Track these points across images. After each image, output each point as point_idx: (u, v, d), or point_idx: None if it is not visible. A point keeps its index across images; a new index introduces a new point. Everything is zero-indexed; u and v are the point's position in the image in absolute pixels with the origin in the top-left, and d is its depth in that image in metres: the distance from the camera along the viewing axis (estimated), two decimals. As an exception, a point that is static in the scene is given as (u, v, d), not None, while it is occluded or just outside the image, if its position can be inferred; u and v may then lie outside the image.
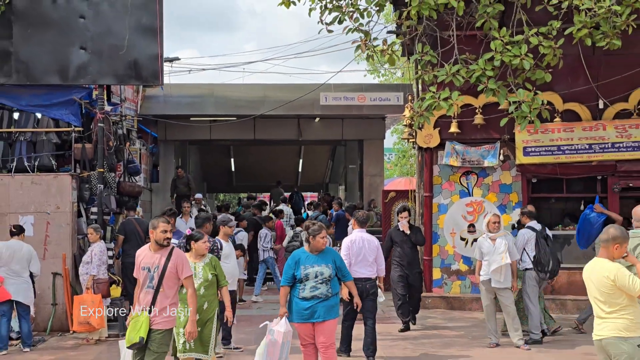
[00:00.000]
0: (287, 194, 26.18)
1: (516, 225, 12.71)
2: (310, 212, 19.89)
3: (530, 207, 12.38)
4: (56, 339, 11.90)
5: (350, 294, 8.75)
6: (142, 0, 12.76)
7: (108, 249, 12.06)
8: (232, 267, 10.25)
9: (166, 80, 16.62)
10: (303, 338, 8.14)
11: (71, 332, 11.65)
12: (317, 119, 21.95)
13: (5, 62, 12.45)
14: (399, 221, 12.32)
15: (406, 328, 11.93)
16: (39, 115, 13.14)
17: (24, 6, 12.45)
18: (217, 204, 32.53)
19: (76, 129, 12.95)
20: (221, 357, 9.94)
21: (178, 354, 8.06)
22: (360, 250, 9.83)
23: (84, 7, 12.63)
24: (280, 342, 7.92)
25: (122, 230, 13.02)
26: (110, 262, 12.29)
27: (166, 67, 17.04)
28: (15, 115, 13.15)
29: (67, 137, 13.10)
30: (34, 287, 11.15)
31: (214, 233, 10.23)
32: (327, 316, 7.99)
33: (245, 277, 15.64)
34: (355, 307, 8.88)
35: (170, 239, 7.21)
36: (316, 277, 8.04)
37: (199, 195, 15.94)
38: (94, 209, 13.16)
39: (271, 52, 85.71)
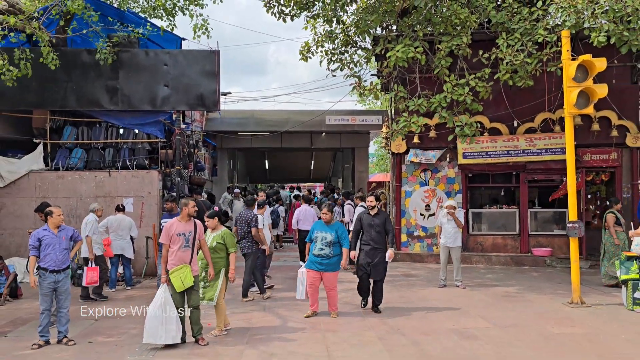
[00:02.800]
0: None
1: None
2: (319, 196, 19.77)
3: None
4: (148, 281, 11.82)
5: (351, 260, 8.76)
6: (205, 53, 12.62)
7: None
8: (267, 232, 10.34)
9: (222, 107, 16.51)
10: (310, 280, 8.30)
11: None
12: (323, 134, 21.92)
13: (114, 95, 12.33)
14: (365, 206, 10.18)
15: (365, 305, 8.96)
16: (136, 130, 13.04)
17: (127, 58, 12.32)
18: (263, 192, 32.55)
19: (161, 140, 12.86)
20: (252, 299, 9.73)
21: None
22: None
23: (166, 58, 12.50)
24: (303, 279, 8.37)
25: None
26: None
27: (222, 98, 16.92)
28: (121, 131, 13.06)
29: (155, 146, 13.00)
30: (133, 245, 11.08)
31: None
32: (327, 269, 8.23)
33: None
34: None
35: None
36: (322, 240, 8.20)
37: (236, 190, 15.77)
38: (173, 194, 13.07)
39: (291, 89, 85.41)
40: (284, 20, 12.75)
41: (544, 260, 13.38)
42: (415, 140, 13.70)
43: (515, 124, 13.59)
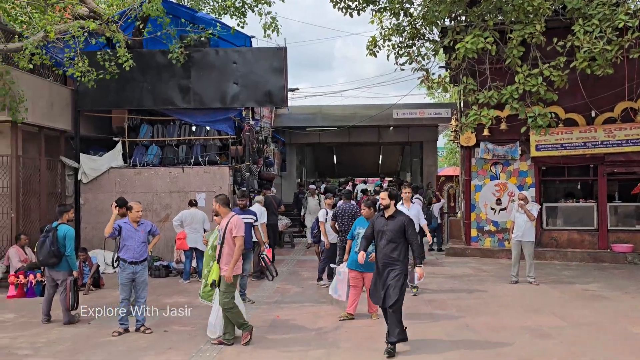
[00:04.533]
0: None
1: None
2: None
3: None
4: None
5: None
6: (273, 50, 12.79)
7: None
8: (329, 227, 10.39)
9: (290, 103, 16.70)
10: (353, 282, 7.80)
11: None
12: (391, 128, 21.81)
13: (186, 93, 12.73)
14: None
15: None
16: (208, 127, 13.42)
17: (198, 57, 12.68)
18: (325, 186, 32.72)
19: (231, 136, 13.16)
20: (327, 286, 9.82)
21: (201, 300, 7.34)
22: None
23: (235, 56, 12.76)
24: (343, 279, 7.89)
25: (264, 202, 13.12)
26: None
27: (289, 94, 17.12)
28: (193, 128, 13.48)
29: (226, 142, 13.33)
30: (205, 239, 11.40)
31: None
32: (369, 269, 7.29)
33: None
34: None
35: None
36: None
37: (312, 186, 15.89)
38: (243, 189, 13.35)
39: (357, 83, 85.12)
40: (350, 15, 12.71)
41: (624, 257, 12.70)
42: (486, 132, 13.32)
43: (593, 114, 12.94)
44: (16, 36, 10.26)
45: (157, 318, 7.96)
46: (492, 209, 13.96)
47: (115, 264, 7.47)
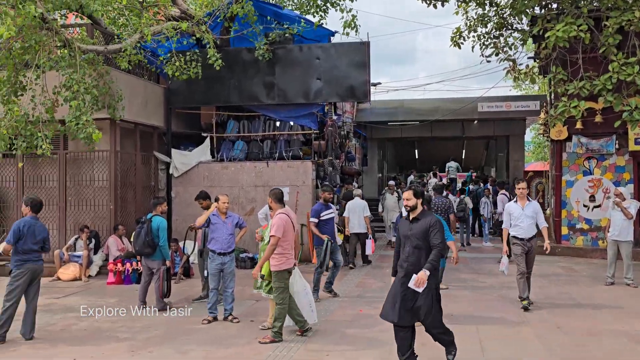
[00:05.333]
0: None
1: None
2: (471, 186, 19.09)
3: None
4: (303, 266, 12.33)
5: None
6: (355, 45, 12.77)
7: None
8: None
9: (371, 98, 16.61)
10: None
11: (313, 262, 12.00)
12: (476, 122, 21.19)
13: (271, 90, 12.97)
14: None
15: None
16: (291, 122, 13.63)
17: (282, 54, 12.88)
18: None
19: (314, 131, 13.29)
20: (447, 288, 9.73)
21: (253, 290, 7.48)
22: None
23: (319, 52, 12.85)
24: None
25: (345, 197, 13.13)
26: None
27: (372, 89, 17.04)
28: (277, 124, 13.74)
29: (309, 137, 13.48)
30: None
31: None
32: None
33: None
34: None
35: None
36: None
37: (391, 182, 15.75)
38: (326, 183, 13.47)
39: (440, 77, 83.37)
40: (434, 6, 12.47)
41: None
42: (578, 126, 12.60)
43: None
44: (115, 38, 10.85)
45: (243, 308, 8.21)
46: (584, 206, 13.25)
47: (197, 254, 7.85)
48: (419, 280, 5.27)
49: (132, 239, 11.15)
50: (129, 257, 10.75)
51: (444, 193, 11.70)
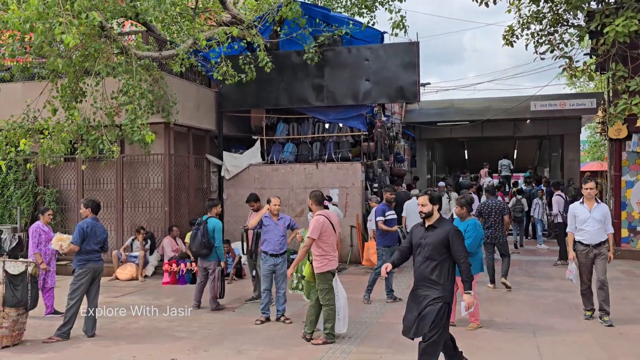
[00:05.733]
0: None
1: None
2: (524, 187, 18.64)
3: None
4: (353, 267, 12.34)
5: None
6: (405, 45, 12.66)
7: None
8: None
9: (421, 98, 16.42)
10: None
11: (362, 264, 11.98)
12: (528, 121, 20.65)
13: (320, 92, 13.02)
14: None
15: None
16: (340, 124, 13.64)
17: (331, 56, 12.90)
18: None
19: (363, 133, 13.25)
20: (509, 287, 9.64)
21: (291, 290, 7.64)
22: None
23: (367, 54, 12.82)
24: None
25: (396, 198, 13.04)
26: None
27: (420, 89, 16.86)
28: (326, 126, 13.77)
29: (358, 139, 13.46)
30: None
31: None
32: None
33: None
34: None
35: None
36: None
37: (441, 184, 15.44)
38: (375, 185, 13.43)
39: (490, 76, 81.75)
40: (486, 5, 12.21)
41: None
42: (639, 124, 12.11)
43: None
44: (168, 44, 11.13)
45: (295, 309, 8.26)
46: (646, 207, 12.73)
47: (245, 253, 8.24)
48: (469, 305, 5.11)
49: (186, 240, 11.44)
50: (183, 258, 11.00)
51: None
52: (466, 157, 30.69)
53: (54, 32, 7.11)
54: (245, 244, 9.15)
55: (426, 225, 5.11)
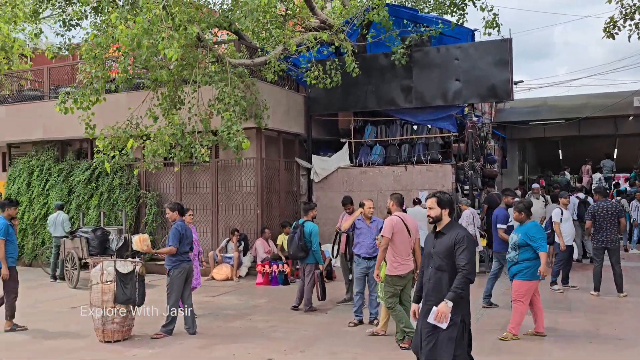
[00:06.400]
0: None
1: None
2: (628, 188, 17.51)
3: None
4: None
5: None
6: (496, 43, 12.29)
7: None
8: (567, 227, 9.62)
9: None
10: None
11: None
12: (631, 117, 19.39)
13: (408, 93, 12.89)
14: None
15: None
16: (429, 126, 13.43)
17: (419, 56, 12.76)
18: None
19: (453, 134, 12.98)
20: (562, 291, 9.24)
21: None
22: None
23: (457, 52, 12.55)
24: None
25: (487, 201, 12.64)
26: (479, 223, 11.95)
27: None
28: (415, 127, 13.62)
29: (447, 140, 13.20)
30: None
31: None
32: (512, 277, 6.95)
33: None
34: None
35: None
36: (510, 242, 7.10)
37: (535, 185, 14.63)
38: (466, 187, 13.10)
39: (586, 72, 77.29)
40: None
41: None
42: None
43: None
44: (259, 51, 11.44)
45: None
46: None
47: (335, 256, 8.24)
48: (439, 314, 4.32)
49: (277, 242, 11.72)
50: (275, 260, 11.26)
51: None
52: (560, 157, 29.29)
53: (158, 47, 7.52)
54: (337, 246, 9.24)
55: (436, 232, 4.57)
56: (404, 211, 7.16)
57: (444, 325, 4.29)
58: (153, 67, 9.02)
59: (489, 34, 12.17)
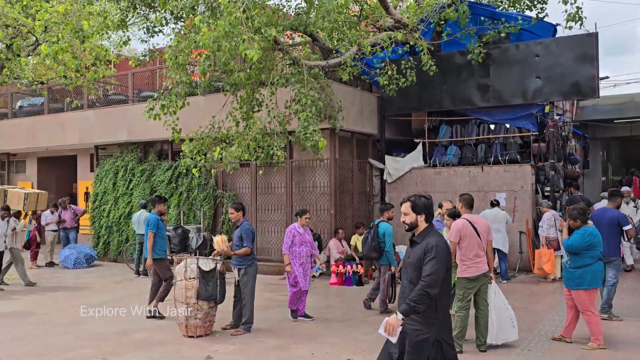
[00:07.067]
0: None
1: None
2: None
3: None
4: (522, 276, 11.70)
5: None
6: (580, 38, 11.73)
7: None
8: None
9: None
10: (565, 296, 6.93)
11: (534, 273, 11.28)
12: None
13: (485, 92, 12.56)
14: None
15: None
16: (507, 125, 13.03)
17: (497, 54, 12.40)
18: None
19: (533, 133, 12.53)
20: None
21: None
22: None
23: (538, 49, 12.09)
24: None
25: (569, 202, 12.06)
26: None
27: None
28: (492, 127, 13.25)
29: (527, 139, 12.75)
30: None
31: None
32: (569, 284, 6.68)
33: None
34: None
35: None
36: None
37: (625, 189, 13.71)
38: (547, 188, 12.61)
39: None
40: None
41: None
42: None
43: None
44: (333, 52, 11.48)
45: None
46: None
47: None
48: (388, 326, 3.85)
49: (351, 243, 11.73)
50: (348, 260, 11.26)
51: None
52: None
53: (238, 49, 7.71)
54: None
55: (412, 240, 4.10)
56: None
57: (393, 340, 3.83)
58: (232, 70, 9.25)
59: (570, 28, 11.62)
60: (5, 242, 11.08)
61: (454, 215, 6.88)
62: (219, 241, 7.49)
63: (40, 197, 12.21)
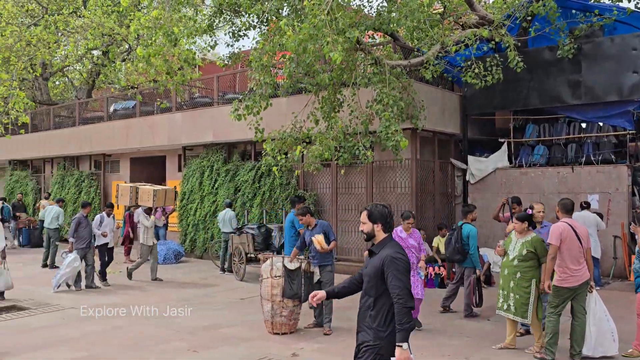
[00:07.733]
0: None
1: None
2: None
3: None
4: (617, 283, 11.05)
5: None
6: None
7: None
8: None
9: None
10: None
11: (630, 280, 10.62)
12: None
13: (576, 89, 11.97)
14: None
15: None
16: (600, 123, 12.36)
17: (589, 48, 11.79)
18: None
19: (629, 132, 11.80)
20: None
21: (497, 310, 6.89)
22: None
23: (636, 42, 11.37)
24: None
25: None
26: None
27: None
28: (583, 125, 12.61)
29: (622, 138, 12.03)
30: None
31: None
32: None
33: None
34: None
35: None
36: None
37: None
38: None
39: None
40: None
41: None
42: None
43: None
44: (415, 51, 11.33)
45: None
46: None
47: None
48: None
49: (433, 244, 11.53)
50: (430, 262, 11.07)
51: None
52: None
53: (322, 51, 7.79)
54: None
55: (369, 250, 3.88)
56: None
57: None
58: (316, 71, 9.35)
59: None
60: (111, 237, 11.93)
61: (524, 218, 6.69)
62: (320, 240, 7.49)
63: (168, 193, 12.71)
